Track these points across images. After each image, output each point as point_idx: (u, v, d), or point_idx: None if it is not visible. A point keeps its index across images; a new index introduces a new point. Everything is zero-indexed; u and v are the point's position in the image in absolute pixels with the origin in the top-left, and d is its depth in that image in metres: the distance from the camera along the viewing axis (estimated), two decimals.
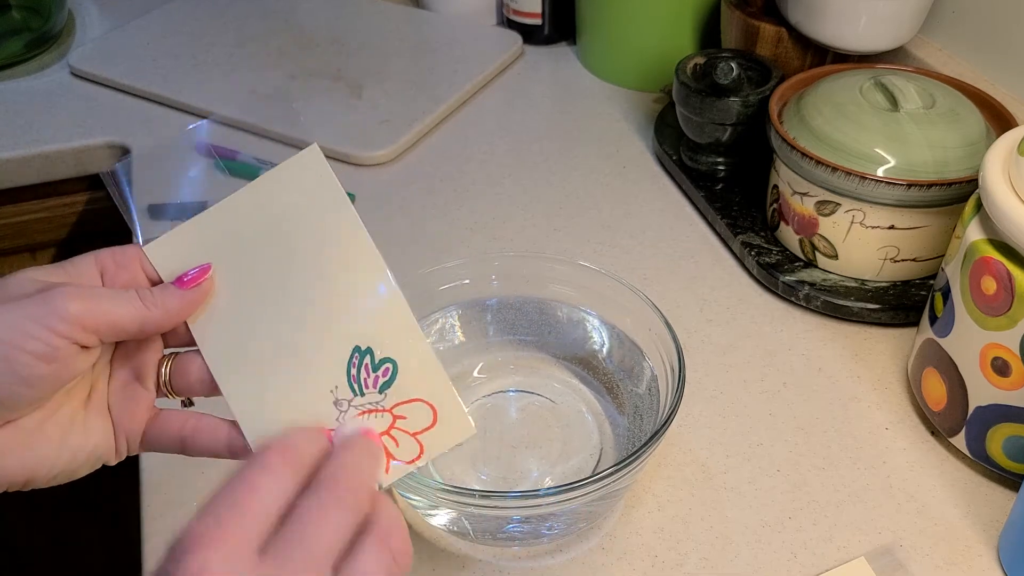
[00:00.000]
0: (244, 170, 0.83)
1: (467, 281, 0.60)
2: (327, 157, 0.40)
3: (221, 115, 0.90)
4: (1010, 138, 0.53)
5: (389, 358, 0.39)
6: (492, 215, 0.79)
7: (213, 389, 0.40)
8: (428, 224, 0.78)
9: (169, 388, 0.41)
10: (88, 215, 0.95)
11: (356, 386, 0.39)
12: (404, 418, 0.39)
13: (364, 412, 0.39)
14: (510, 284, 0.61)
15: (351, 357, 0.39)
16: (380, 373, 0.39)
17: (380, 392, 0.39)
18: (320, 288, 0.39)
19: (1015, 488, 0.56)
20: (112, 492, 1.09)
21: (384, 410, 0.39)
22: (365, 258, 0.40)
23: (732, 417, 0.61)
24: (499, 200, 0.81)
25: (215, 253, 0.40)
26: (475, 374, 0.60)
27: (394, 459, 0.39)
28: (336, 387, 0.39)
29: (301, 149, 0.40)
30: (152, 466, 0.57)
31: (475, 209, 0.80)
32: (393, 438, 0.39)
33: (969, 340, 0.53)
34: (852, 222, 0.65)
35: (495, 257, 0.61)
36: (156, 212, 0.79)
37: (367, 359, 0.39)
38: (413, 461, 0.39)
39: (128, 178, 0.40)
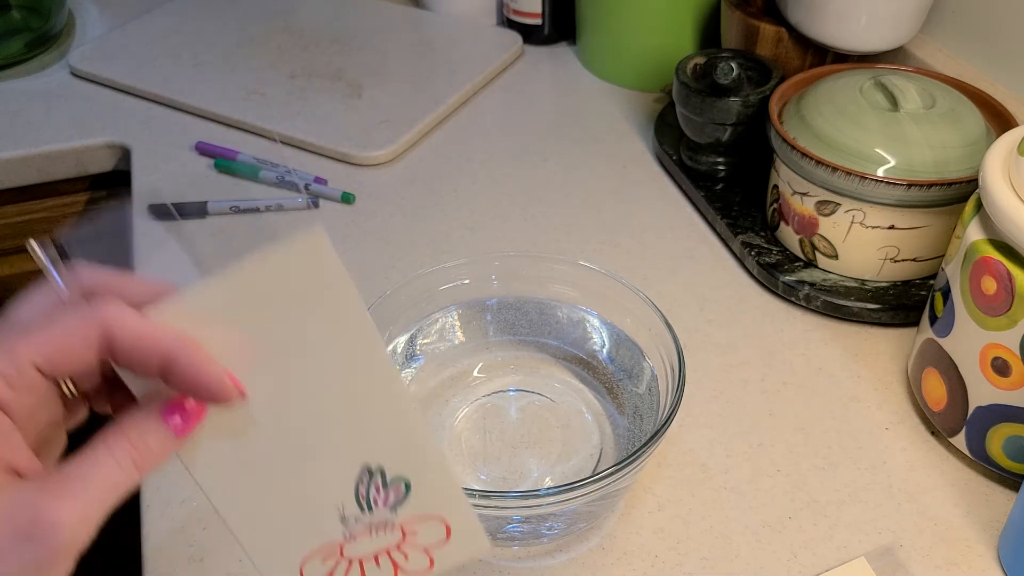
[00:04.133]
0: (244, 170, 0.83)
1: (467, 281, 0.60)
2: (328, 157, 0.39)
3: (221, 115, 0.90)
4: (1010, 138, 0.53)
5: (401, 477, 0.37)
6: (492, 215, 0.79)
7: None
8: (428, 224, 0.78)
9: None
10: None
11: (364, 504, 0.37)
12: (415, 534, 0.38)
13: (373, 529, 0.37)
14: (510, 284, 0.61)
15: (360, 477, 0.36)
16: (391, 492, 0.37)
17: (391, 510, 0.37)
18: (327, 399, 0.35)
19: (1015, 488, 0.56)
20: None
21: (394, 526, 0.37)
22: (377, 366, 0.35)
23: (732, 417, 0.61)
24: (499, 200, 0.81)
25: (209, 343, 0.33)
26: (475, 374, 0.60)
27: (403, 570, 0.38)
28: (343, 505, 0.37)
29: (301, 149, 0.38)
30: None
31: (475, 209, 0.80)
32: (403, 552, 0.38)
33: (969, 340, 0.53)
34: (852, 222, 0.65)
35: (495, 257, 0.61)
36: (156, 212, 0.79)
37: (377, 479, 0.37)
38: (423, 573, 0.38)
39: (61, 256, 0.36)
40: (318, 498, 0.36)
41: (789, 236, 0.71)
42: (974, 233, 0.52)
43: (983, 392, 0.53)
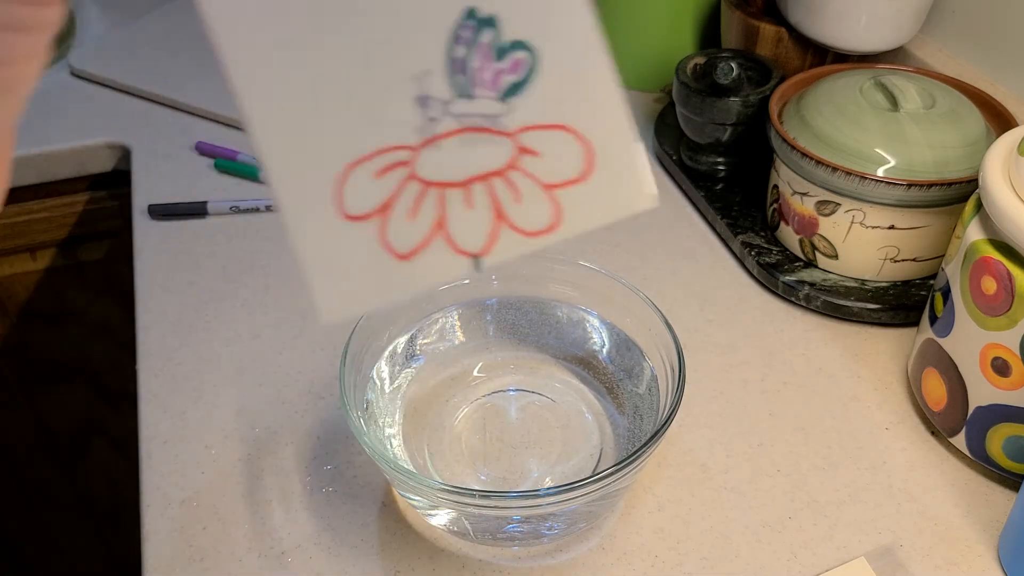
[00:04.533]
0: (244, 170, 0.83)
1: (467, 281, 0.60)
2: None
3: (221, 115, 0.90)
4: (1010, 138, 0.53)
5: (525, 43, 0.23)
6: None
7: None
8: None
9: None
10: (88, 215, 0.95)
11: (461, 78, 0.23)
12: (536, 154, 0.24)
13: (468, 129, 0.23)
14: (510, 284, 0.61)
15: (459, 29, 0.23)
16: (507, 65, 0.23)
17: (502, 99, 0.24)
18: None
19: (1015, 488, 0.56)
20: (113, 490, 1.09)
21: (504, 133, 0.24)
22: None
23: (732, 417, 0.61)
24: None
25: None
26: (475, 373, 0.60)
27: (508, 223, 0.24)
28: (426, 72, 0.23)
29: None
30: (152, 465, 0.57)
31: None
32: (512, 185, 0.24)
33: (969, 340, 0.53)
34: (852, 222, 0.65)
35: None
36: (156, 212, 0.79)
37: (486, 34, 0.23)
38: (540, 234, 0.25)
39: None
40: (388, 55, 0.22)
41: (789, 236, 0.71)
42: (974, 233, 0.52)
43: (983, 392, 0.53)
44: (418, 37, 0.22)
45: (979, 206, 0.53)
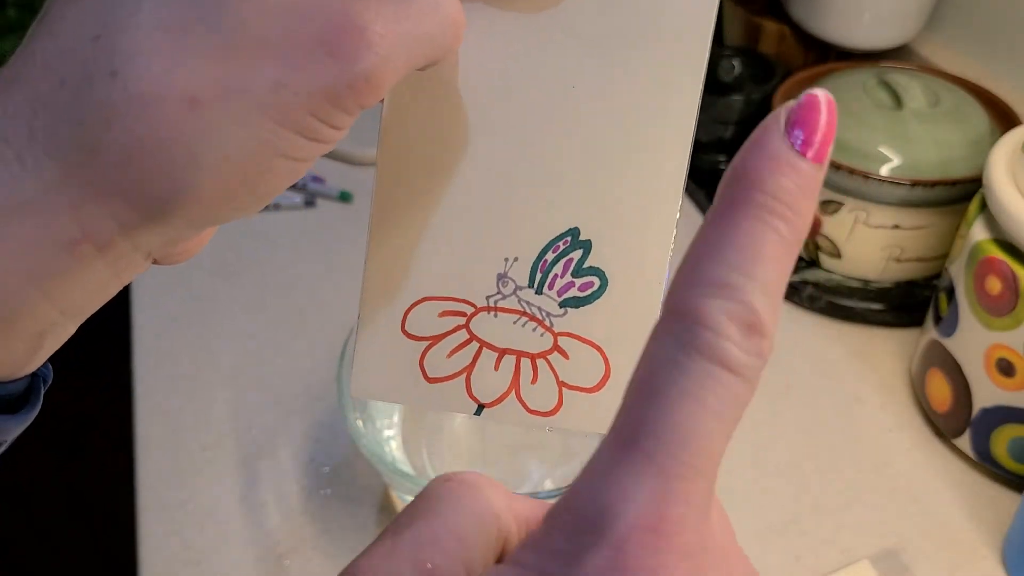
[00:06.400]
0: None
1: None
2: (328, 157, 0.36)
3: None
4: (1015, 136, 0.53)
5: (601, 271, 0.27)
6: None
7: None
8: None
9: None
10: None
11: (539, 275, 0.28)
12: (566, 356, 0.28)
13: (524, 313, 0.28)
14: None
15: (558, 239, 0.27)
16: (579, 283, 0.28)
17: (562, 304, 0.28)
18: (589, 130, 0.26)
19: (1020, 490, 0.55)
20: (109, 492, 1.09)
21: (550, 330, 0.28)
22: (671, 138, 0.27)
23: None
24: None
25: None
26: None
27: (517, 395, 0.29)
28: (515, 260, 0.27)
29: None
30: (148, 466, 0.57)
31: None
32: (536, 370, 0.28)
33: (974, 340, 0.52)
34: (856, 221, 0.65)
35: None
36: None
37: (575, 254, 0.27)
38: (537, 415, 0.29)
39: None
40: (493, 236, 0.27)
41: None
42: (978, 233, 0.52)
43: (988, 393, 0.53)
44: (526, 229, 0.27)
45: (983, 205, 0.52)
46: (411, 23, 0.23)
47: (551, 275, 0.28)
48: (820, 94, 0.18)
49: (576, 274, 0.27)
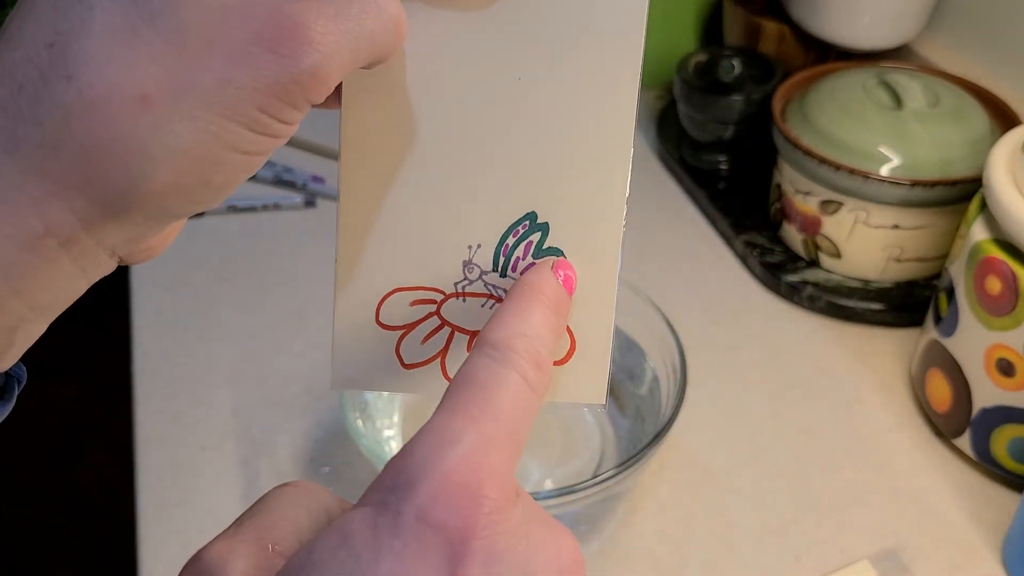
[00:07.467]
0: None
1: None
2: (326, 156, 0.37)
3: None
4: (1015, 136, 0.53)
5: (560, 251, 0.29)
6: None
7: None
8: None
9: None
10: None
11: (502, 259, 0.29)
12: None
13: (490, 296, 0.30)
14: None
15: (517, 223, 0.29)
16: (539, 262, 0.30)
17: None
18: (536, 115, 0.28)
19: (1020, 490, 0.55)
20: (109, 492, 1.09)
21: None
22: (614, 123, 0.29)
23: (734, 419, 0.60)
24: None
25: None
26: None
27: None
28: (478, 247, 0.29)
29: (298, 148, 0.36)
30: (148, 466, 0.57)
31: None
32: None
33: (973, 341, 0.52)
34: (856, 221, 0.65)
35: None
36: None
37: (534, 236, 0.29)
38: None
39: None
40: (456, 225, 0.29)
41: (792, 235, 0.70)
42: (978, 232, 0.52)
43: (988, 393, 0.53)
44: (487, 216, 0.29)
45: (983, 205, 0.52)
46: (352, 21, 0.24)
47: (513, 258, 0.29)
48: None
49: (537, 255, 0.29)
